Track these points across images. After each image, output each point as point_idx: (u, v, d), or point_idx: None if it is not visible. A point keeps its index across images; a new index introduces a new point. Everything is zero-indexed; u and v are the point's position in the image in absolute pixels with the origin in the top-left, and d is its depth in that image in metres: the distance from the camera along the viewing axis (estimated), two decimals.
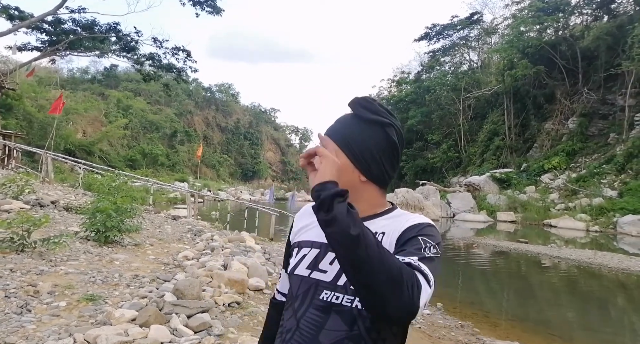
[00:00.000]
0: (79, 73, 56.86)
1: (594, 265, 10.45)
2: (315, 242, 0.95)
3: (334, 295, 0.87)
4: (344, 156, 0.91)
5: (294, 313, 0.92)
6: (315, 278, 0.91)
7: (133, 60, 24.87)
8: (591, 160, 24.67)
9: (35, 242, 4.50)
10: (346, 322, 0.85)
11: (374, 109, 0.92)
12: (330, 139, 0.93)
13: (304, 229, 1.01)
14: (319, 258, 0.92)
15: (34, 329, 2.84)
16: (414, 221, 0.89)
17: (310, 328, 0.88)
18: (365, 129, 0.92)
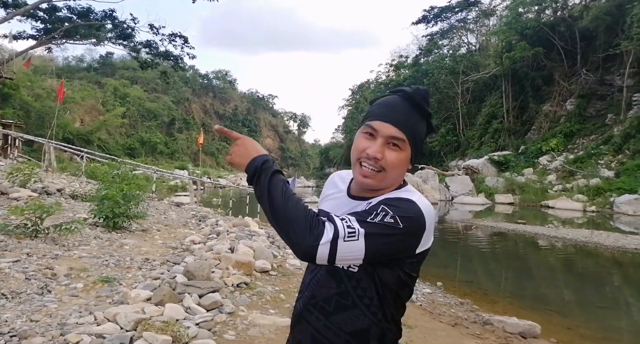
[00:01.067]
0: (74, 62, 56.41)
1: (590, 244, 10.66)
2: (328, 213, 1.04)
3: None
4: (409, 148, 0.97)
5: (310, 273, 1.06)
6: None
7: (129, 47, 24.64)
8: (589, 141, 24.79)
9: (48, 228, 4.64)
10: (336, 281, 0.97)
11: (428, 101, 1.00)
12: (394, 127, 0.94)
13: (327, 198, 1.12)
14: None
15: (55, 308, 2.99)
16: (399, 195, 0.95)
17: (315, 285, 1.01)
18: (422, 122, 0.98)
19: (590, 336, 4.62)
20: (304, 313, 1.01)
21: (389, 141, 0.94)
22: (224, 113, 72.06)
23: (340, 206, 1.03)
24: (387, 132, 0.94)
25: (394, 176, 0.97)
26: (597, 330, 4.85)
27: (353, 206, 1.00)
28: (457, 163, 31.96)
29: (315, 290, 1.01)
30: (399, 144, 0.94)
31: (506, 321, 4.47)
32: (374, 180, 0.95)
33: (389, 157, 0.94)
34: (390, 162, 0.94)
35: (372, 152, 0.93)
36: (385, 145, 0.94)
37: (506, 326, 4.39)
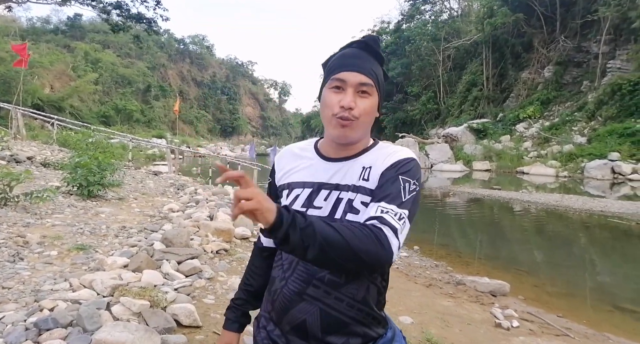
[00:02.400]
0: (39, 23, 53.21)
1: (560, 207, 11.10)
2: (307, 182, 1.00)
3: None
4: (377, 94, 0.96)
5: None
6: (312, 214, 0.92)
7: (99, 8, 23.28)
8: (564, 108, 25.28)
9: (17, 196, 4.50)
10: None
11: (380, 47, 0.99)
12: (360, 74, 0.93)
13: (291, 171, 1.05)
14: (312, 196, 0.98)
15: (29, 275, 2.95)
16: (397, 157, 0.96)
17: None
18: (379, 67, 0.99)
19: (555, 293, 4.89)
20: (308, 290, 0.95)
21: (359, 89, 0.93)
22: (201, 80, 70.04)
23: (316, 171, 1.00)
24: (356, 80, 0.93)
25: (366, 124, 0.96)
26: (562, 287, 5.13)
27: (338, 169, 0.98)
28: (437, 131, 32.26)
29: (310, 266, 0.95)
30: (367, 90, 0.93)
31: (478, 281, 4.66)
32: (352, 129, 0.93)
33: (361, 104, 0.93)
34: (363, 108, 0.93)
35: (346, 102, 0.91)
36: (356, 94, 0.93)
37: (477, 286, 4.59)
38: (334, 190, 0.97)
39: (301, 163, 1.04)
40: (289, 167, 1.06)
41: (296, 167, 1.05)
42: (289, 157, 1.09)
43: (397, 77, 38.66)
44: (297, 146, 1.11)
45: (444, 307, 3.87)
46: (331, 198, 0.96)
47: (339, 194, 0.96)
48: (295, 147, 1.11)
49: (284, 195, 1.03)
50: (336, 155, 1.01)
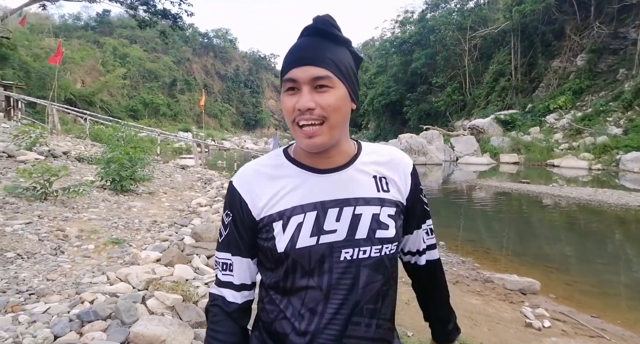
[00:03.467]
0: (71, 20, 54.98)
1: (593, 201, 10.72)
2: (306, 205, 0.82)
3: (359, 251, 0.81)
4: (342, 83, 0.79)
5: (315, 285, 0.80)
6: (326, 242, 0.80)
7: (126, 5, 23.79)
8: (598, 98, 24.24)
9: (56, 191, 4.71)
10: (379, 271, 0.83)
11: (337, 26, 0.81)
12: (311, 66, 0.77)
13: (275, 197, 0.83)
14: (319, 220, 0.81)
15: (69, 268, 3.10)
16: (408, 167, 0.92)
17: (342, 293, 0.80)
18: (341, 50, 0.81)
19: (589, 292, 4.75)
20: (347, 332, 0.81)
21: (314, 84, 0.76)
22: (225, 74, 70.79)
23: (312, 189, 0.83)
24: (307, 76, 0.76)
25: (339, 121, 0.79)
26: (596, 285, 4.98)
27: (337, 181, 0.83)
28: (462, 123, 31.58)
29: (346, 299, 0.80)
30: (325, 83, 0.76)
31: (506, 279, 4.58)
32: (322, 136, 0.77)
33: (322, 101, 0.76)
34: (326, 105, 0.76)
35: (301, 104, 0.75)
36: (313, 91, 0.76)
37: (506, 283, 4.51)
38: (345, 206, 0.82)
39: (285, 184, 0.84)
40: (270, 193, 0.84)
41: (280, 191, 0.83)
42: (262, 180, 0.85)
43: (421, 67, 37.93)
44: (262, 164, 0.88)
45: (471, 305, 3.83)
46: (345, 217, 0.81)
47: (353, 210, 0.82)
48: (261, 165, 0.88)
49: (275, 229, 0.82)
50: (327, 164, 0.84)
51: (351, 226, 0.81)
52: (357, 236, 0.81)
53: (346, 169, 0.85)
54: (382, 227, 0.83)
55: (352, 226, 0.81)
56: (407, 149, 22.43)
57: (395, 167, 0.90)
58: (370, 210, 0.83)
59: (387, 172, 0.89)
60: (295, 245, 0.80)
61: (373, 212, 0.83)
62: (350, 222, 0.81)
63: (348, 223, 0.81)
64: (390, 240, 0.84)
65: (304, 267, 0.81)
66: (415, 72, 38.64)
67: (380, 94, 42.18)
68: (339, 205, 0.82)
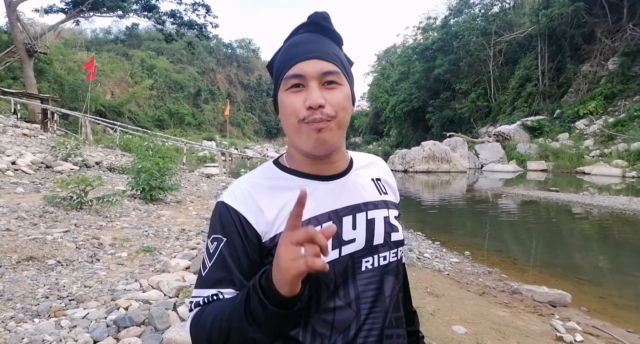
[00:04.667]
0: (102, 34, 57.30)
1: (628, 211, 10.33)
2: (320, 215, 0.75)
3: (379, 257, 0.76)
4: (346, 82, 0.75)
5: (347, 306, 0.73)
6: (347, 253, 0.74)
7: (154, 18, 24.70)
8: (632, 102, 23.40)
9: (91, 200, 4.92)
10: (397, 276, 0.80)
11: (332, 24, 0.79)
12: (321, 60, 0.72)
13: (280, 214, 0.73)
14: (338, 231, 0.74)
15: (105, 275, 3.23)
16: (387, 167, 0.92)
17: (370, 306, 0.75)
18: (336, 47, 0.77)
19: (624, 305, 4.59)
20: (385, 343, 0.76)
21: (324, 80, 0.71)
22: (248, 83, 72.00)
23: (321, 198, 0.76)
24: (317, 70, 0.71)
25: (346, 121, 0.74)
26: (631, 299, 4.80)
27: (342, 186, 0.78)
28: (487, 130, 31.05)
29: (385, 308, 0.76)
30: (335, 79, 0.72)
31: (535, 290, 4.48)
32: (331, 132, 0.71)
33: (332, 98, 0.71)
34: (336, 102, 0.71)
35: (313, 100, 0.69)
36: (322, 87, 0.71)
37: (535, 295, 4.41)
38: (358, 212, 0.77)
39: (292, 196, 0.73)
40: (276, 207, 0.74)
41: (287, 204, 0.74)
42: (262, 193, 0.75)
43: (444, 74, 37.63)
44: (257, 177, 0.79)
45: (499, 317, 3.76)
46: (360, 223, 0.76)
47: (366, 215, 0.77)
48: (256, 178, 0.78)
49: None
50: (332, 170, 0.79)
51: (368, 232, 0.76)
52: (375, 243, 0.76)
53: (348, 174, 0.80)
54: (395, 230, 0.80)
55: (369, 233, 0.76)
56: (431, 156, 22.16)
57: (381, 169, 0.89)
58: (381, 214, 0.79)
59: (380, 174, 0.87)
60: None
61: (384, 215, 0.80)
62: (367, 228, 0.76)
63: (365, 230, 0.76)
64: (402, 243, 0.81)
65: (329, 286, 0.72)
66: (438, 78, 38.33)
67: (403, 101, 42.01)
68: (352, 211, 0.76)
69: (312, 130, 0.70)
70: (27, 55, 19.95)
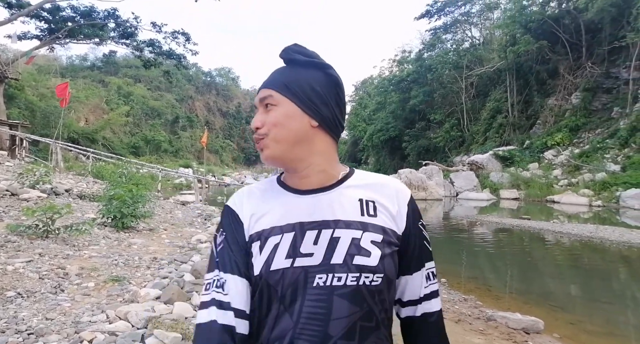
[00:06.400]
0: (78, 61, 56.72)
1: (595, 238, 10.66)
2: (285, 225, 0.79)
3: (334, 277, 0.75)
4: (288, 100, 0.80)
5: (284, 312, 0.75)
6: (300, 265, 0.75)
7: (132, 46, 24.76)
8: (594, 135, 24.65)
9: (58, 229, 4.74)
10: (356, 302, 0.75)
11: (306, 52, 0.83)
12: (262, 89, 0.83)
13: (258, 216, 0.83)
14: (297, 242, 0.77)
15: (69, 306, 3.08)
16: (404, 196, 0.86)
17: (313, 325, 0.74)
18: (305, 72, 0.82)
19: (594, 332, 4.66)
20: None
21: (263, 104, 0.82)
22: (227, 111, 72.21)
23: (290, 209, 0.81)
24: (259, 97, 0.83)
25: (284, 136, 0.79)
26: (601, 325, 4.89)
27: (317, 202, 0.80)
28: (461, 159, 31.90)
29: (319, 331, 0.73)
30: (269, 102, 0.80)
31: (509, 317, 4.51)
32: (267, 148, 0.80)
33: (267, 118, 0.80)
34: (269, 121, 0.79)
35: (252, 124, 0.82)
36: (264, 112, 0.81)
37: (509, 322, 4.44)
38: (324, 229, 0.78)
39: (268, 204, 0.83)
40: (255, 212, 0.83)
41: (262, 210, 0.83)
42: (252, 199, 0.86)
43: (419, 104, 38.84)
44: (256, 186, 0.90)
45: None
46: (323, 239, 0.77)
47: (332, 232, 0.77)
48: (254, 187, 0.89)
49: (255, 250, 0.79)
50: (307, 185, 0.82)
51: (328, 249, 0.76)
52: (333, 261, 0.75)
53: (329, 191, 0.82)
54: (362, 253, 0.76)
55: (329, 250, 0.76)
56: (407, 184, 22.50)
57: (388, 193, 0.84)
58: (349, 234, 0.77)
59: (377, 197, 0.83)
60: (270, 267, 0.76)
61: (353, 236, 0.77)
62: (328, 245, 0.76)
63: (325, 247, 0.76)
64: (371, 269, 0.75)
65: (277, 292, 0.75)
66: (413, 108, 39.51)
67: (380, 130, 42.92)
68: (318, 226, 0.78)
69: (259, 149, 0.81)
70: None
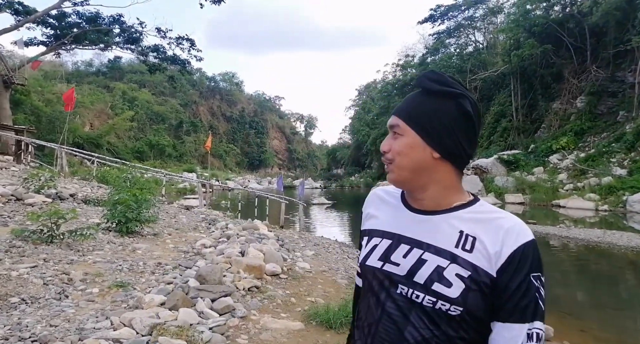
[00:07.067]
0: (83, 66, 57.02)
1: (603, 243, 10.54)
2: (387, 232, 0.91)
3: (413, 293, 0.82)
4: (412, 132, 0.85)
5: (374, 305, 0.88)
6: (387, 270, 0.86)
7: (137, 51, 24.91)
8: (600, 139, 24.48)
9: (63, 234, 4.72)
10: (431, 323, 0.81)
11: (442, 80, 0.85)
12: (392, 116, 0.90)
13: (373, 217, 0.98)
14: (390, 250, 0.88)
15: (73, 313, 3.05)
16: (517, 241, 0.82)
17: (393, 323, 0.84)
18: (434, 102, 0.85)
19: (604, 339, 4.58)
20: None
21: (391, 131, 0.90)
22: (230, 115, 72.39)
23: (398, 221, 0.91)
24: (389, 124, 0.90)
25: (406, 164, 0.85)
26: (612, 332, 4.80)
27: (421, 222, 0.87)
28: None
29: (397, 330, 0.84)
30: (397, 131, 0.87)
31: None
32: (391, 173, 0.89)
33: (393, 145, 0.87)
34: (394, 149, 0.87)
35: (382, 146, 0.90)
36: (392, 137, 0.89)
37: None
38: (416, 247, 0.85)
39: (384, 210, 0.97)
40: (373, 213, 0.99)
41: (378, 213, 0.97)
42: (375, 201, 1.01)
43: None
44: (384, 190, 1.02)
45: None
46: (412, 256, 0.84)
47: (421, 254, 0.84)
48: (382, 190, 1.03)
49: (362, 243, 0.97)
50: (417, 205, 0.90)
51: (413, 267, 0.83)
52: (415, 279, 0.82)
53: (435, 215, 0.87)
54: (443, 283, 0.79)
55: (414, 268, 0.83)
56: None
57: (496, 232, 0.82)
58: (436, 261, 0.81)
59: (481, 233, 0.82)
60: (366, 262, 0.91)
61: (438, 264, 0.81)
62: (414, 263, 0.83)
63: (412, 263, 0.84)
64: (449, 300, 0.78)
65: (368, 283, 0.91)
66: None
67: (383, 134, 42.56)
68: (412, 244, 0.86)
69: (386, 171, 0.91)
70: (3, 86, 19.67)
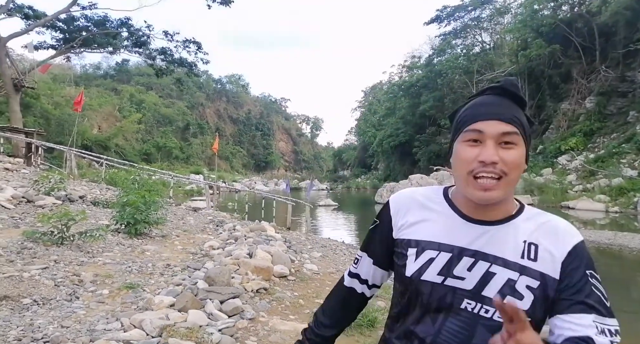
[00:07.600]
0: (91, 69, 57.65)
1: (614, 245, 10.41)
2: (443, 244, 0.85)
3: (482, 308, 0.80)
4: (524, 144, 0.82)
5: (431, 321, 0.84)
6: (450, 285, 0.82)
7: (145, 55, 25.11)
8: (610, 139, 24.20)
9: (73, 235, 4.76)
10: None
11: (520, 90, 0.87)
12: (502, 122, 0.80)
13: (416, 224, 0.90)
14: (452, 263, 0.83)
15: (84, 314, 3.07)
16: (571, 241, 0.82)
17: (454, 336, 0.81)
18: (521, 112, 0.84)
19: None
20: None
21: (500, 140, 0.79)
22: (237, 117, 72.70)
23: (453, 232, 0.85)
24: (496, 130, 0.79)
25: (516, 179, 0.80)
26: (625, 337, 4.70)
27: (482, 233, 0.83)
28: None
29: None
30: (512, 140, 0.79)
31: None
32: (497, 191, 0.78)
33: (507, 157, 0.78)
34: (510, 161, 0.78)
35: (487, 157, 0.78)
36: (497, 146, 0.79)
37: None
38: (482, 260, 0.81)
39: (429, 216, 0.89)
40: (413, 219, 0.90)
41: (423, 220, 0.89)
42: (413, 206, 0.92)
43: (429, 110, 38.70)
44: (419, 193, 0.94)
45: None
46: (478, 270, 0.81)
47: (489, 267, 0.80)
48: (417, 193, 0.94)
49: (409, 254, 0.88)
50: (479, 215, 0.85)
51: (481, 280, 0.80)
52: (484, 293, 0.79)
53: (498, 226, 0.83)
54: (516, 296, 0.78)
55: (482, 281, 0.80)
56: None
57: (555, 237, 0.82)
58: (506, 274, 0.79)
59: (542, 240, 0.82)
60: (421, 276, 0.84)
61: (509, 277, 0.79)
62: (482, 277, 0.80)
63: (479, 277, 0.80)
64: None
65: (423, 299, 0.84)
66: (423, 114, 39.35)
67: (390, 135, 42.81)
68: (476, 256, 0.82)
69: (478, 188, 0.79)
70: (14, 90, 19.90)
